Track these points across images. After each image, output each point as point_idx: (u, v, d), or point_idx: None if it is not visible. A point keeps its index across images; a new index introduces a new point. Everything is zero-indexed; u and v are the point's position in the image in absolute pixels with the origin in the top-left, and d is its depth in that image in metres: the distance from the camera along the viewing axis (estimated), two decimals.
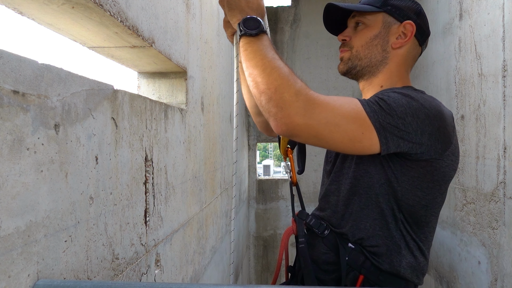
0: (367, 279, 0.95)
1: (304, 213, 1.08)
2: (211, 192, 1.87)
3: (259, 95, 0.88)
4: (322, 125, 0.83)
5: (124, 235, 0.85)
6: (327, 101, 0.84)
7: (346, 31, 1.08)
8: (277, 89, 0.84)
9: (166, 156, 1.13)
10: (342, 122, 0.83)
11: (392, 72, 1.04)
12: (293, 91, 0.83)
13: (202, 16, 1.64)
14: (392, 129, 0.84)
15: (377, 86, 1.05)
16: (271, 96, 0.85)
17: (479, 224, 2.24)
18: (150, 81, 1.36)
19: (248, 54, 0.91)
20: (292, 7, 4.17)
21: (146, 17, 0.97)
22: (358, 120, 0.83)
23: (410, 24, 1.01)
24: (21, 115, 0.52)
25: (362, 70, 1.05)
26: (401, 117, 0.84)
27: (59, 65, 0.62)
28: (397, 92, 0.88)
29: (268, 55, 0.89)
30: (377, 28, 1.02)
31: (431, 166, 0.91)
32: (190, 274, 1.45)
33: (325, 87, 4.08)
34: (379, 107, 0.84)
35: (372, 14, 1.03)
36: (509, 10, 1.89)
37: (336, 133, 0.84)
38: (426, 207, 0.94)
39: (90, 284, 0.55)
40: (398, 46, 1.02)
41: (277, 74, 0.86)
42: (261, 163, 23.20)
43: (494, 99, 2.05)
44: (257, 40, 0.91)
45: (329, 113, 0.83)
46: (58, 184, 0.60)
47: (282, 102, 0.83)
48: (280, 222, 4.21)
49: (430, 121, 0.86)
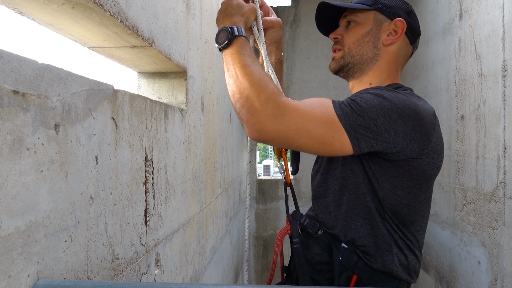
0: (361, 279, 0.95)
1: (298, 213, 1.09)
2: (211, 192, 1.87)
3: (234, 103, 0.91)
4: (292, 131, 0.85)
5: (124, 235, 0.85)
6: (297, 107, 0.85)
7: (338, 30, 1.09)
8: (248, 97, 0.87)
9: (166, 156, 1.13)
10: (311, 127, 0.84)
11: (381, 69, 1.05)
12: (262, 98, 0.85)
13: (202, 16, 1.64)
14: (363, 130, 0.85)
15: (366, 84, 1.05)
16: (243, 104, 0.87)
17: (479, 224, 2.24)
18: (150, 81, 1.36)
19: (224, 67, 0.96)
20: (292, 7, 4.17)
21: (146, 17, 0.97)
22: (328, 124, 0.84)
23: (401, 21, 1.02)
24: (21, 115, 0.52)
25: (354, 67, 1.06)
26: (372, 118, 0.85)
27: (59, 65, 0.62)
28: (370, 93, 0.88)
29: (239, 63, 0.91)
30: (369, 26, 1.04)
31: (409, 165, 0.91)
32: (190, 274, 1.45)
33: (325, 87, 4.08)
34: (350, 109, 0.85)
35: (364, 12, 1.04)
36: (509, 10, 1.89)
37: (306, 138, 0.86)
38: (408, 206, 0.95)
39: (90, 284, 0.55)
40: (389, 43, 1.03)
41: (247, 82, 0.87)
42: (261, 163, 23.21)
43: (494, 99, 2.05)
44: (228, 51, 0.94)
45: (298, 118, 0.84)
46: (58, 184, 0.60)
47: (252, 109, 0.85)
48: (280, 222, 4.21)
49: (404, 120, 0.86)
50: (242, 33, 0.95)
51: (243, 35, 0.95)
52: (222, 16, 0.99)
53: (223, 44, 0.93)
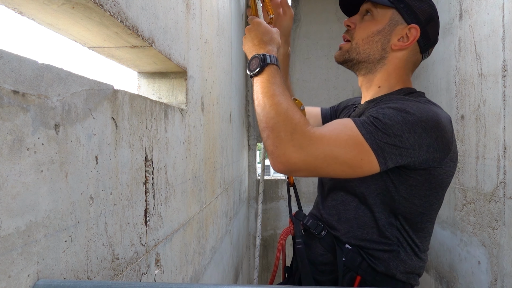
0: (364, 280, 0.95)
1: (301, 213, 1.09)
2: (211, 192, 1.87)
3: (261, 131, 0.90)
4: (320, 160, 0.84)
5: (124, 235, 0.85)
6: (322, 134, 0.84)
7: (354, 18, 1.06)
8: (274, 127, 0.86)
9: (166, 156, 1.13)
10: (340, 153, 0.83)
11: (390, 74, 1.03)
12: (289, 128, 0.84)
13: (202, 16, 1.64)
14: (390, 148, 0.84)
15: (375, 87, 1.04)
16: (269, 134, 0.87)
17: (479, 224, 2.24)
18: (150, 81, 1.36)
19: (254, 94, 0.95)
20: (292, 7, 4.17)
21: (146, 17, 0.97)
22: (356, 147, 0.83)
23: (415, 28, 0.98)
24: (21, 115, 0.52)
25: (359, 64, 1.05)
26: (397, 135, 0.83)
27: (59, 65, 0.62)
28: (392, 108, 0.87)
29: (268, 92, 0.90)
30: (382, 24, 1.00)
31: (430, 174, 0.90)
32: (190, 274, 1.45)
33: (325, 87, 4.08)
34: (374, 127, 0.84)
35: (383, 7, 1.00)
36: (509, 10, 1.89)
37: (335, 165, 0.85)
38: (422, 214, 0.94)
39: (90, 284, 0.55)
40: (397, 48, 1.00)
41: (274, 112, 0.87)
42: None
43: (494, 99, 2.05)
44: (259, 78, 0.93)
45: (326, 146, 0.83)
46: (58, 184, 0.60)
47: (278, 140, 0.84)
48: (280, 222, 4.21)
49: (428, 133, 0.85)
50: (274, 61, 0.94)
51: (275, 63, 0.94)
52: (252, 43, 0.98)
53: (255, 72, 0.93)
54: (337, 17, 4.05)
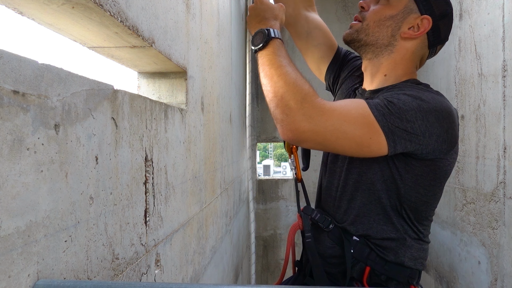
0: (374, 270, 0.96)
1: (309, 208, 1.09)
2: (211, 192, 1.87)
3: (269, 103, 0.89)
4: (329, 132, 0.83)
5: (124, 235, 0.85)
6: (333, 108, 0.84)
7: (369, 0, 1.05)
8: (283, 96, 0.85)
9: (166, 156, 1.13)
10: (349, 129, 0.83)
11: (396, 63, 1.02)
12: (298, 97, 0.83)
13: (202, 16, 1.64)
14: (400, 132, 0.83)
15: (381, 75, 1.04)
16: (277, 103, 0.86)
17: (479, 224, 2.24)
18: (150, 81, 1.36)
19: (259, 67, 0.94)
20: None
21: (146, 17, 0.97)
22: (366, 125, 0.83)
23: (428, 20, 0.98)
24: (21, 115, 0.52)
25: (366, 47, 1.04)
26: (410, 121, 0.83)
27: (59, 65, 0.62)
28: (408, 95, 0.87)
29: (275, 64, 0.90)
30: (396, 10, 0.99)
31: (435, 164, 0.91)
32: (190, 274, 1.45)
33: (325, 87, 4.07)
34: (388, 110, 0.83)
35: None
36: (509, 10, 1.89)
37: (343, 140, 0.84)
38: (426, 203, 0.96)
39: (90, 284, 0.55)
40: (406, 37, 1.00)
41: (283, 81, 0.86)
42: (261, 163, 23.20)
43: (494, 99, 2.05)
44: (264, 52, 0.93)
45: (335, 119, 0.82)
46: (58, 184, 0.60)
47: (287, 109, 0.83)
48: (280, 222, 4.21)
49: (440, 123, 0.86)
50: (278, 35, 0.94)
51: (279, 37, 0.94)
52: (255, 21, 0.99)
53: (259, 46, 0.93)
54: (337, 17, 4.05)
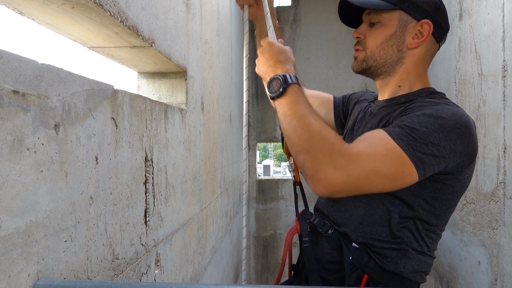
0: (371, 278, 0.95)
1: (308, 212, 1.08)
2: (211, 192, 1.87)
3: (295, 156, 0.88)
4: (362, 178, 0.82)
5: (124, 235, 0.85)
6: (361, 151, 0.82)
7: (361, 28, 1.04)
8: (310, 150, 0.83)
9: (166, 156, 1.13)
10: (381, 168, 0.82)
11: (409, 72, 1.02)
12: (326, 149, 0.82)
13: (202, 16, 1.64)
14: (428, 158, 0.83)
15: (394, 86, 1.03)
16: (305, 158, 0.84)
17: (479, 224, 2.24)
18: (150, 81, 1.36)
19: (280, 116, 0.91)
20: (292, 7, 4.17)
21: (146, 17, 0.97)
22: (396, 160, 0.82)
23: (427, 23, 0.97)
24: (21, 115, 0.52)
25: (378, 70, 1.03)
26: (435, 144, 0.83)
27: (59, 65, 0.62)
28: (427, 115, 0.85)
29: (296, 114, 0.87)
30: (393, 27, 0.99)
31: (456, 178, 0.91)
32: (190, 274, 1.45)
33: (325, 87, 4.08)
34: (412, 138, 0.82)
35: (388, 12, 0.99)
36: (509, 10, 1.89)
37: (376, 180, 0.83)
38: (439, 216, 0.94)
39: (90, 284, 0.55)
40: (414, 46, 0.99)
41: (308, 134, 0.84)
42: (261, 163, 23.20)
43: (494, 99, 2.05)
44: (283, 100, 0.90)
45: (366, 163, 0.81)
46: (58, 184, 0.60)
47: (316, 163, 0.82)
48: (280, 222, 4.21)
49: (462, 140, 0.85)
50: (295, 80, 0.92)
51: (296, 82, 0.92)
52: (268, 65, 0.95)
53: (277, 93, 0.90)
54: (337, 17, 4.04)
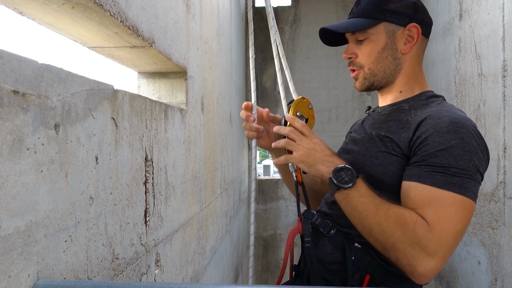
0: (373, 279, 0.95)
1: (310, 212, 1.07)
2: (211, 192, 1.87)
3: (383, 251, 0.89)
4: (453, 247, 0.85)
5: (124, 235, 0.85)
6: (439, 223, 0.83)
7: (350, 48, 1.05)
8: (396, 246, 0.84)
9: (166, 156, 1.13)
10: (460, 226, 0.84)
11: (408, 75, 1.03)
12: (411, 239, 0.83)
13: (202, 16, 1.64)
14: (476, 186, 0.87)
15: (396, 92, 1.05)
16: (396, 256, 0.85)
17: (479, 224, 2.24)
18: (150, 81, 1.36)
19: (351, 211, 0.91)
20: (292, 7, 4.17)
21: (146, 17, 0.97)
22: (463, 208, 0.85)
23: (415, 26, 0.98)
24: (21, 115, 0.52)
25: (380, 83, 1.05)
26: (475, 171, 0.86)
27: (59, 65, 0.62)
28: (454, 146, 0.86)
29: (370, 210, 0.88)
30: (382, 40, 1.00)
31: None
32: (190, 274, 1.45)
33: (325, 87, 4.08)
34: (460, 179, 0.85)
35: (373, 27, 1.00)
36: (509, 10, 1.89)
37: (462, 235, 0.86)
38: None
39: (90, 284, 0.55)
40: (408, 51, 1.01)
41: (388, 232, 0.85)
42: (261, 163, 23.19)
43: (494, 99, 2.05)
44: (354, 193, 0.90)
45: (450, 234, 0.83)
46: (58, 184, 0.60)
47: (411, 258, 0.83)
48: (280, 222, 4.22)
49: (484, 154, 0.89)
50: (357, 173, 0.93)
51: (358, 175, 0.93)
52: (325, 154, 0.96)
53: (349, 185, 0.89)
54: (337, 17, 4.05)
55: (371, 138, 1.01)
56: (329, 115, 4.11)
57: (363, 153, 1.01)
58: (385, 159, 0.95)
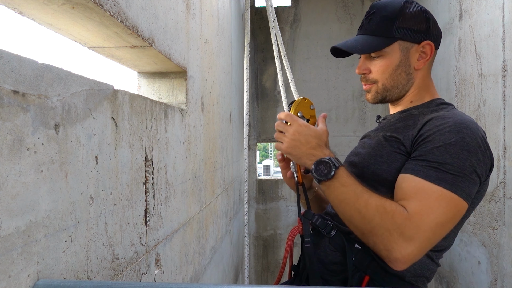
0: (373, 280, 0.95)
1: (310, 213, 1.07)
2: (211, 192, 1.87)
3: (361, 237, 0.90)
4: (432, 237, 0.85)
5: (124, 235, 0.85)
6: (418, 212, 0.84)
7: (363, 64, 1.05)
8: (374, 231, 0.85)
9: (166, 156, 1.13)
10: (442, 219, 0.84)
11: (420, 87, 1.05)
12: (390, 225, 0.84)
13: (202, 16, 1.64)
14: (470, 186, 0.86)
15: (407, 102, 1.06)
16: (374, 241, 0.86)
17: (479, 224, 2.24)
18: (150, 81, 1.36)
19: (333, 200, 0.93)
20: (292, 7, 4.17)
21: (146, 17, 0.97)
22: (450, 204, 0.84)
23: (429, 44, 0.99)
24: (21, 115, 0.52)
25: (392, 97, 1.07)
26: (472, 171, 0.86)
27: (59, 65, 0.62)
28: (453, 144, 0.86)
29: (352, 198, 0.89)
30: (397, 58, 1.00)
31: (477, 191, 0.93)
32: (190, 274, 1.45)
33: (325, 87, 4.08)
34: (453, 176, 0.84)
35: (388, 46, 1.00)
36: (509, 10, 1.89)
37: (442, 229, 0.86)
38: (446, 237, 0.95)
39: (90, 284, 0.55)
40: (421, 67, 1.02)
41: (367, 216, 0.86)
42: (261, 163, 23.19)
43: (494, 99, 2.05)
44: (334, 183, 0.92)
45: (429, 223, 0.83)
46: (58, 184, 0.60)
47: (387, 243, 0.84)
48: (280, 222, 4.21)
49: (485, 156, 0.89)
50: (340, 163, 0.93)
51: (342, 165, 0.93)
52: (307, 147, 0.95)
53: (328, 176, 0.91)
54: (337, 17, 4.06)
55: (378, 140, 1.02)
56: (329, 115, 4.11)
57: (369, 153, 1.02)
58: (389, 157, 0.96)
